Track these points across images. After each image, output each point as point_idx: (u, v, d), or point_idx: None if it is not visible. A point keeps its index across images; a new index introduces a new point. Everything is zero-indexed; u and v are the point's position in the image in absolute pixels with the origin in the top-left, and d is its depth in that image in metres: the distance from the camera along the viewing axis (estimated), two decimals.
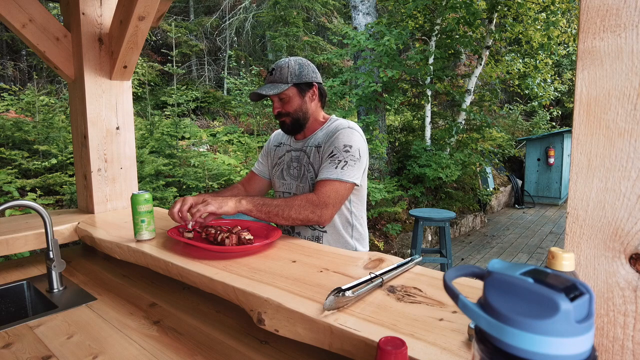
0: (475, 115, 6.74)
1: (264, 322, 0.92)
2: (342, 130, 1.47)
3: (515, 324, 0.39)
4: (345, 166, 1.40)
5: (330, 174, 1.39)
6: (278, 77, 1.50)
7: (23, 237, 1.58)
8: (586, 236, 0.64)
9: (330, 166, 1.41)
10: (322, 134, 1.54)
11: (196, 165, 4.87)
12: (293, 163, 1.60)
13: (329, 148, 1.46)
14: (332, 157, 1.42)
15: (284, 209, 1.34)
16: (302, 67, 1.52)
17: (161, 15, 2.18)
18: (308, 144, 1.56)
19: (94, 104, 1.92)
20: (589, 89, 0.62)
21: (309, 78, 1.52)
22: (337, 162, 1.41)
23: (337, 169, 1.39)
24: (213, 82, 11.40)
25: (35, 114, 4.93)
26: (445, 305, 0.87)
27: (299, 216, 1.34)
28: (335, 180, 1.38)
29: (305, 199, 1.37)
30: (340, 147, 1.43)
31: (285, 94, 1.50)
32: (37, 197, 3.75)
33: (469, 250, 5.66)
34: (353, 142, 1.44)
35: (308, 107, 1.54)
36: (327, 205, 1.36)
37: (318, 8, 10.37)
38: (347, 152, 1.42)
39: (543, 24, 7.09)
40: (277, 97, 1.52)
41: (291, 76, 1.50)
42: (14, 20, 1.72)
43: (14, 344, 1.03)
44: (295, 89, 1.51)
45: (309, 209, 1.35)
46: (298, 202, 1.35)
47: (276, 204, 1.35)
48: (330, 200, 1.37)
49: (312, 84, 1.54)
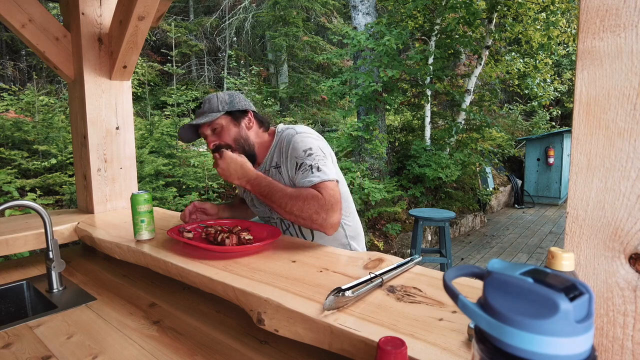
0: (475, 115, 6.74)
1: (264, 322, 0.92)
2: (292, 139, 1.39)
3: (515, 324, 0.39)
4: (320, 167, 1.31)
5: (313, 179, 1.28)
6: (207, 108, 1.43)
7: (23, 237, 1.58)
8: (586, 236, 0.64)
9: (306, 174, 1.31)
10: (274, 152, 1.46)
11: (196, 165, 4.87)
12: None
13: (290, 162, 1.37)
14: (301, 167, 1.33)
15: (288, 200, 1.26)
16: (233, 97, 1.46)
17: (161, 15, 2.18)
18: (265, 167, 1.49)
19: (94, 104, 1.92)
20: (589, 89, 0.62)
21: (241, 105, 1.45)
22: (309, 167, 1.31)
23: (315, 173, 1.30)
24: (213, 82, 11.39)
25: (35, 114, 4.92)
26: (445, 305, 0.87)
27: (301, 213, 1.24)
28: (322, 182, 1.28)
29: (310, 194, 1.25)
30: (301, 155, 1.34)
31: (218, 122, 1.42)
32: (36, 197, 3.75)
33: (469, 250, 5.67)
34: (309, 143, 1.36)
35: (248, 135, 1.46)
36: (333, 208, 1.24)
37: (318, 8, 10.36)
38: (311, 155, 1.34)
39: (543, 24, 7.09)
40: (210, 129, 1.43)
41: (222, 104, 1.43)
42: (14, 20, 1.72)
43: (13, 344, 1.03)
44: (228, 117, 1.43)
45: (313, 208, 1.23)
46: (302, 196, 1.25)
47: (283, 193, 1.28)
48: (333, 201, 1.25)
49: (246, 111, 1.47)
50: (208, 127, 1.44)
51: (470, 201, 7.23)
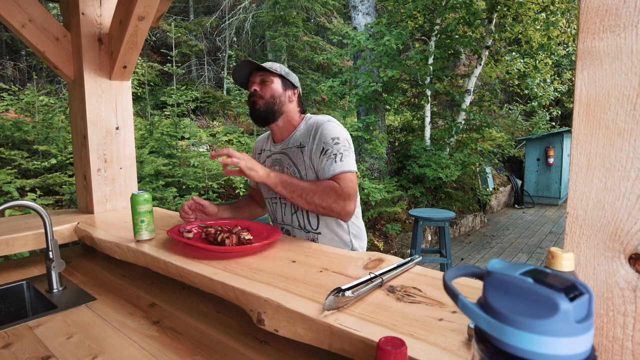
0: (475, 115, 6.74)
1: (264, 322, 0.92)
2: (323, 124, 1.47)
3: (515, 324, 0.39)
4: (343, 157, 1.41)
5: (335, 168, 1.39)
6: (269, 65, 1.53)
7: (23, 237, 1.58)
8: (586, 236, 0.64)
9: (330, 162, 1.41)
10: (300, 133, 1.54)
11: (196, 165, 4.87)
12: (274, 167, 1.58)
13: (317, 145, 1.44)
14: (326, 153, 1.42)
15: (308, 193, 1.36)
16: (290, 72, 1.59)
17: (161, 15, 2.19)
18: (288, 144, 1.56)
19: (94, 104, 1.92)
20: (589, 89, 0.62)
21: (294, 80, 1.58)
22: (334, 155, 1.41)
23: (338, 162, 1.40)
24: (213, 82, 11.39)
25: (34, 114, 4.92)
26: (445, 305, 0.87)
27: (322, 203, 1.36)
28: (343, 172, 1.39)
29: (328, 186, 1.37)
30: (329, 142, 1.42)
31: (270, 77, 1.52)
32: (36, 197, 3.75)
33: (469, 250, 5.67)
34: (338, 133, 1.45)
35: (284, 102, 1.54)
36: (350, 197, 1.37)
37: (318, 8, 10.36)
38: (338, 144, 1.42)
39: (543, 24, 7.09)
40: (261, 78, 1.52)
41: (281, 69, 1.55)
42: (14, 20, 1.72)
43: (13, 344, 1.03)
44: (280, 80, 1.54)
45: (332, 197, 1.35)
46: (322, 188, 1.36)
47: (302, 186, 1.37)
48: (351, 191, 1.38)
49: (295, 86, 1.58)
50: (261, 75, 1.53)
51: (470, 201, 7.23)
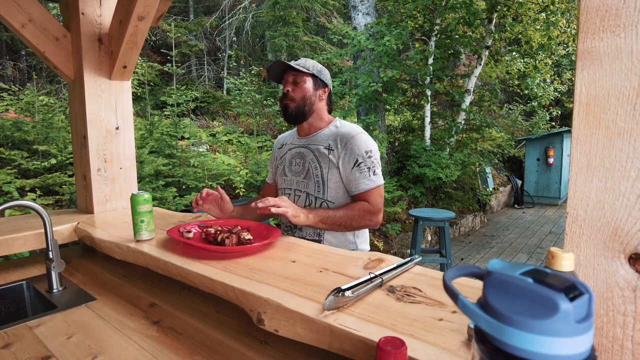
0: (475, 115, 6.74)
1: (264, 322, 0.92)
2: (356, 136, 1.52)
3: (515, 324, 0.39)
4: (376, 171, 1.50)
5: (369, 183, 1.48)
6: (302, 63, 1.57)
7: (22, 237, 1.58)
8: (586, 236, 0.64)
9: (363, 176, 1.48)
10: (328, 135, 1.58)
11: (196, 165, 4.87)
12: (295, 159, 1.61)
13: (349, 156, 1.50)
14: (360, 166, 1.49)
15: (346, 220, 1.45)
16: (322, 69, 1.61)
17: (161, 15, 2.18)
18: (313, 141, 1.59)
19: (94, 104, 1.92)
20: (589, 89, 0.62)
21: (326, 79, 1.61)
22: (367, 169, 1.49)
23: (371, 177, 1.49)
24: (213, 82, 11.39)
25: (34, 114, 4.92)
26: (444, 305, 0.87)
27: (359, 225, 1.47)
28: (376, 187, 1.49)
29: (362, 209, 1.46)
30: (363, 155, 1.49)
31: (303, 77, 1.56)
32: (36, 197, 3.75)
33: (469, 250, 5.67)
34: (371, 146, 1.52)
35: (315, 101, 1.59)
36: (380, 211, 1.49)
37: (318, 8, 10.36)
38: (370, 158, 1.50)
39: (543, 24, 7.09)
40: (293, 79, 1.57)
41: (313, 69, 1.58)
42: (14, 20, 1.72)
43: (13, 344, 1.03)
44: (312, 79, 1.58)
45: (367, 218, 1.46)
46: (357, 213, 1.45)
47: (339, 216, 1.44)
48: (381, 205, 1.49)
49: (326, 84, 1.62)
50: (294, 75, 1.57)
51: (470, 201, 7.22)
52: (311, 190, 1.55)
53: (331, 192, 1.52)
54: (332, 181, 1.52)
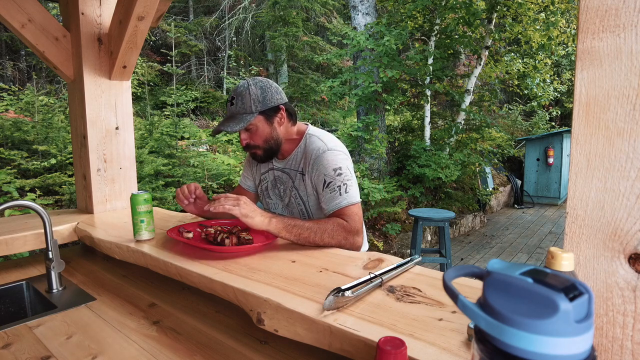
0: (475, 115, 6.75)
1: (264, 322, 0.92)
2: (321, 155, 1.41)
3: (515, 324, 0.39)
4: (348, 188, 1.37)
5: (341, 202, 1.36)
6: (241, 107, 1.40)
7: (22, 237, 1.58)
8: (585, 236, 0.64)
9: (334, 195, 1.37)
10: (300, 155, 1.49)
11: (195, 165, 4.87)
12: (278, 184, 1.58)
13: (318, 177, 1.41)
14: (330, 186, 1.38)
15: (317, 233, 1.28)
16: (265, 91, 1.42)
17: (160, 15, 2.18)
18: (289, 165, 1.53)
19: (93, 104, 1.91)
20: (588, 89, 0.62)
21: (274, 101, 1.43)
22: (337, 188, 1.37)
23: (343, 195, 1.36)
24: (212, 82, 11.38)
25: (34, 114, 4.92)
26: (444, 305, 0.87)
27: (331, 241, 1.29)
28: (348, 205, 1.36)
29: (336, 223, 1.31)
30: (331, 174, 1.38)
31: (252, 124, 1.41)
32: (36, 197, 3.75)
33: (469, 250, 5.67)
34: (339, 162, 1.40)
35: (278, 133, 1.46)
36: (358, 232, 1.33)
37: (317, 8, 10.36)
38: (340, 175, 1.38)
39: (542, 24, 7.09)
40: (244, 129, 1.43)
41: (255, 104, 1.40)
42: (13, 20, 1.72)
43: (13, 344, 1.03)
44: (261, 117, 1.42)
45: (341, 235, 1.30)
46: (330, 227, 1.30)
47: (308, 227, 1.28)
48: (359, 225, 1.34)
49: (278, 107, 1.44)
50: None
51: (470, 201, 7.22)
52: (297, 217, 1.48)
53: (318, 216, 1.47)
54: (314, 207, 1.48)
